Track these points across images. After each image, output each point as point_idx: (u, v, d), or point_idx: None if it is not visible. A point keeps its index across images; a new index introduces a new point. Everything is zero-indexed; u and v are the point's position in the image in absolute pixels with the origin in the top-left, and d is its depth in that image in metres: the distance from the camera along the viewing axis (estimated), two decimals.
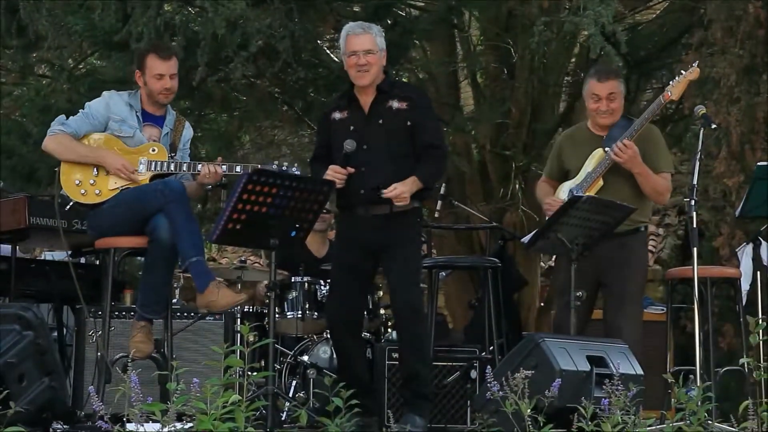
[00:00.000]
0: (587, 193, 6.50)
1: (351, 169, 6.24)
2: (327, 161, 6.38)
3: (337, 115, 6.43)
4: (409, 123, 6.31)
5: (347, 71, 6.40)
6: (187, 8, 8.97)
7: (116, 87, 6.68)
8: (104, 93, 6.44)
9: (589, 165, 6.70)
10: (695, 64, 6.78)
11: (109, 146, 6.25)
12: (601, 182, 6.63)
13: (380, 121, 6.31)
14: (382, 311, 7.66)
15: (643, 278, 6.84)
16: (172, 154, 6.34)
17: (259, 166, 6.31)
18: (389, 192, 6.16)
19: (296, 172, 6.29)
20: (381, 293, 7.68)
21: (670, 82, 6.79)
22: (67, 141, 6.22)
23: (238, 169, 6.28)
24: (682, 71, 6.77)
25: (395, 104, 6.32)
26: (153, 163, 6.24)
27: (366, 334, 7.28)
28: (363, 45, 6.31)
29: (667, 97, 6.69)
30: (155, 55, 6.33)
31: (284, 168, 6.29)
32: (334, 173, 6.24)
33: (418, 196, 6.33)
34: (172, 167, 6.26)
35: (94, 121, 6.28)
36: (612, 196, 6.46)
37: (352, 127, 6.32)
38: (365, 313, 6.95)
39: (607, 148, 6.61)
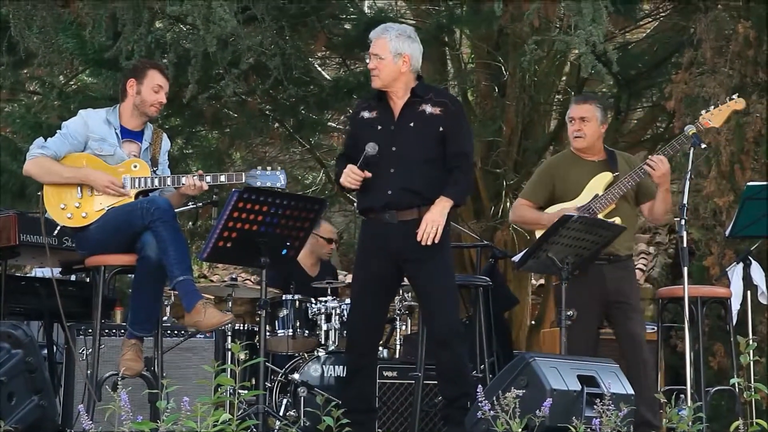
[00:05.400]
0: (600, 215, 6.53)
1: (368, 174, 6.09)
2: (352, 160, 6.21)
3: (365, 114, 6.28)
4: (441, 129, 6.16)
5: None
6: (178, 26, 8.99)
7: (107, 104, 6.62)
8: (80, 112, 6.35)
9: (597, 188, 6.67)
10: (735, 96, 6.81)
11: (92, 166, 6.18)
12: (613, 205, 6.63)
13: (411, 124, 6.17)
14: None
15: None
16: (154, 168, 6.28)
17: (243, 174, 6.28)
18: (423, 236, 5.96)
19: (283, 185, 6.22)
20: None
21: (709, 109, 6.78)
22: (49, 164, 6.13)
23: (222, 179, 6.24)
24: (727, 99, 6.79)
25: (428, 109, 6.17)
26: (136, 180, 6.17)
27: None
28: (372, 49, 6.21)
29: (707, 124, 6.72)
30: (157, 70, 6.33)
31: (269, 171, 6.22)
32: (351, 174, 6.10)
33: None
34: (155, 183, 6.20)
35: (74, 141, 6.19)
36: (623, 220, 6.53)
37: (379, 127, 6.17)
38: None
39: (646, 163, 6.55)
